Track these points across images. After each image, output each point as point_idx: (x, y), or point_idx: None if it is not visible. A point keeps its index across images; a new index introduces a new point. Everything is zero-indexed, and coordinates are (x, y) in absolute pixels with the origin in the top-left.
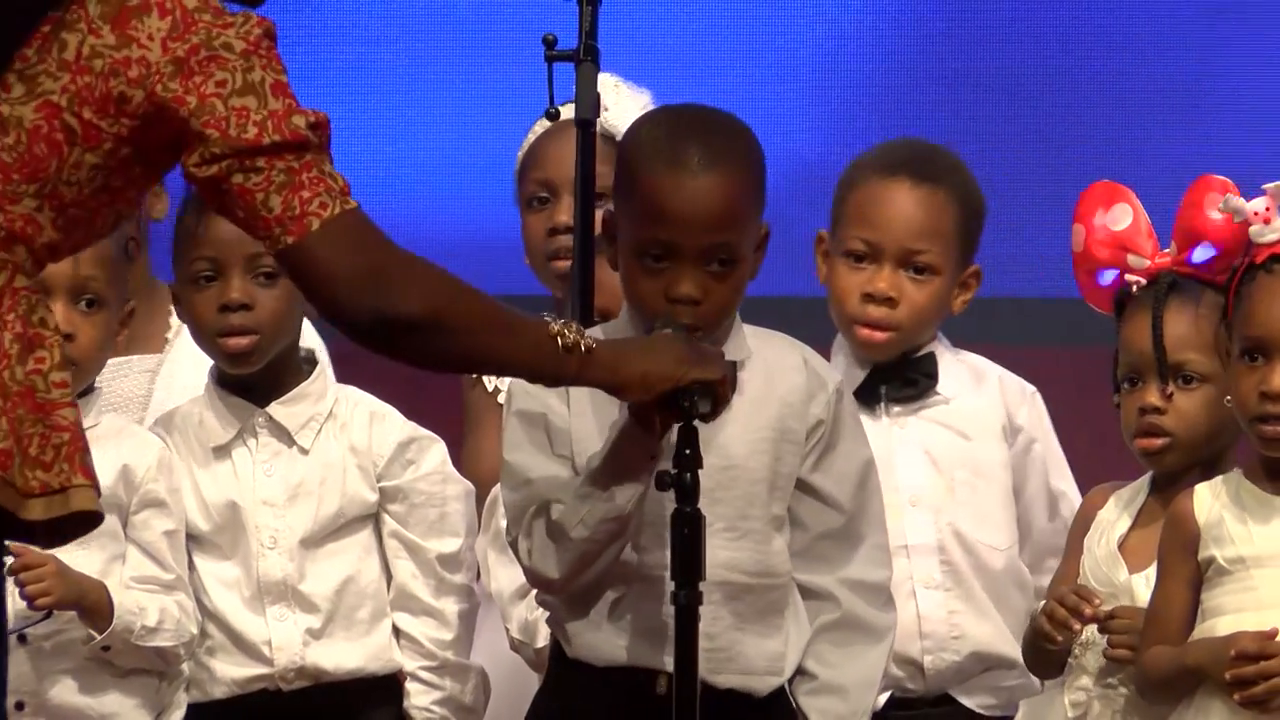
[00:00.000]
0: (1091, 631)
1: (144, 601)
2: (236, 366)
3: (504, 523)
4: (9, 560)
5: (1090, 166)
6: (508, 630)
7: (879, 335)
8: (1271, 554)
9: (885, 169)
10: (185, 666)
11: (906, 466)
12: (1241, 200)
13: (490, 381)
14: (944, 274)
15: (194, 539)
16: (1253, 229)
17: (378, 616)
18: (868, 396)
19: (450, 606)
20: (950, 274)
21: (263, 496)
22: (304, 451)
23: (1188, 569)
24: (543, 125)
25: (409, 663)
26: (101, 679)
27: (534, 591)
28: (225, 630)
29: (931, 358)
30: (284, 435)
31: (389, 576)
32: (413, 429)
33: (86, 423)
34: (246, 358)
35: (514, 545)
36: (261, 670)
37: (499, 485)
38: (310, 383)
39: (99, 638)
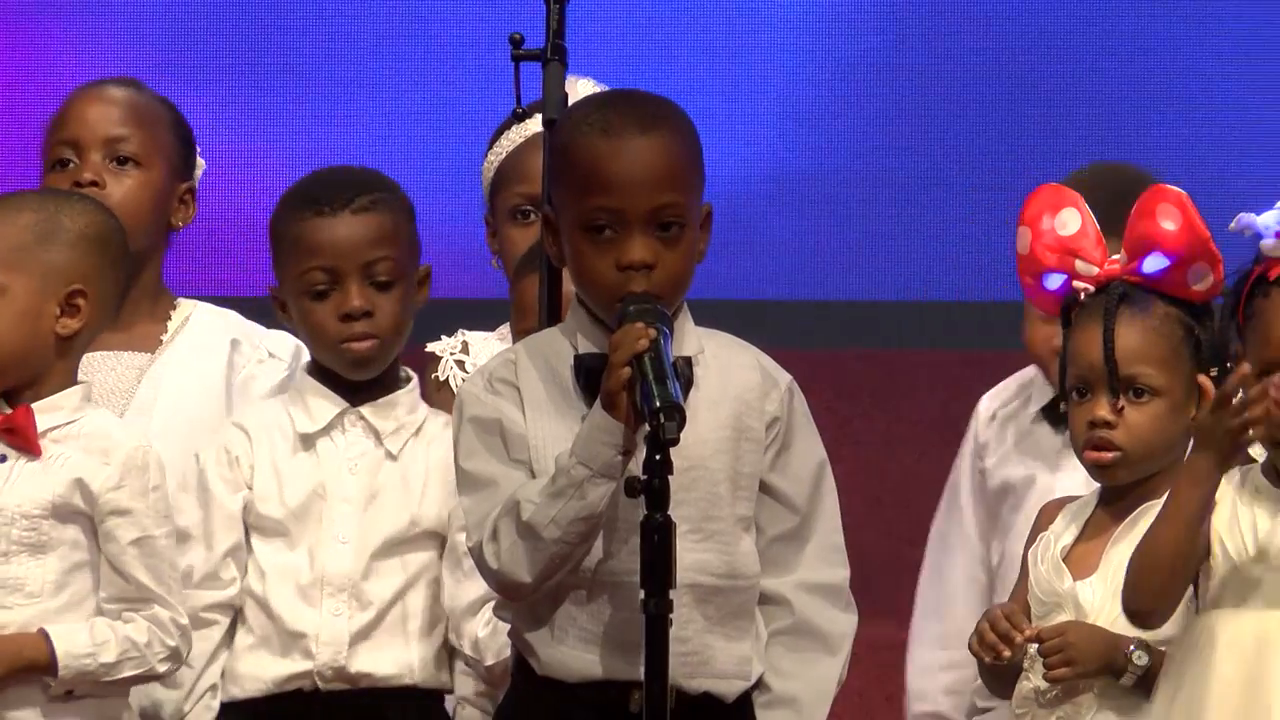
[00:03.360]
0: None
1: (104, 634)
2: (360, 371)
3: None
4: None
5: (1060, 165)
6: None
7: None
8: (1276, 551)
9: None
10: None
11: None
12: (1254, 217)
13: (455, 385)
14: None
15: (260, 526)
16: (1264, 244)
17: (430, 631)
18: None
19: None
20: None
21: (344, 492)
22: (392, 457)
23: None
24: (518, 132)
25: (461, 687)
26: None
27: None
28: (272, 621)
29: None
30: (374, 436)
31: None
32: None
33: (69, 417)
34: (370, 362)
35: (476, 552)
36: (302, 666)
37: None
38: (405, 392)
39: (54, 684)
